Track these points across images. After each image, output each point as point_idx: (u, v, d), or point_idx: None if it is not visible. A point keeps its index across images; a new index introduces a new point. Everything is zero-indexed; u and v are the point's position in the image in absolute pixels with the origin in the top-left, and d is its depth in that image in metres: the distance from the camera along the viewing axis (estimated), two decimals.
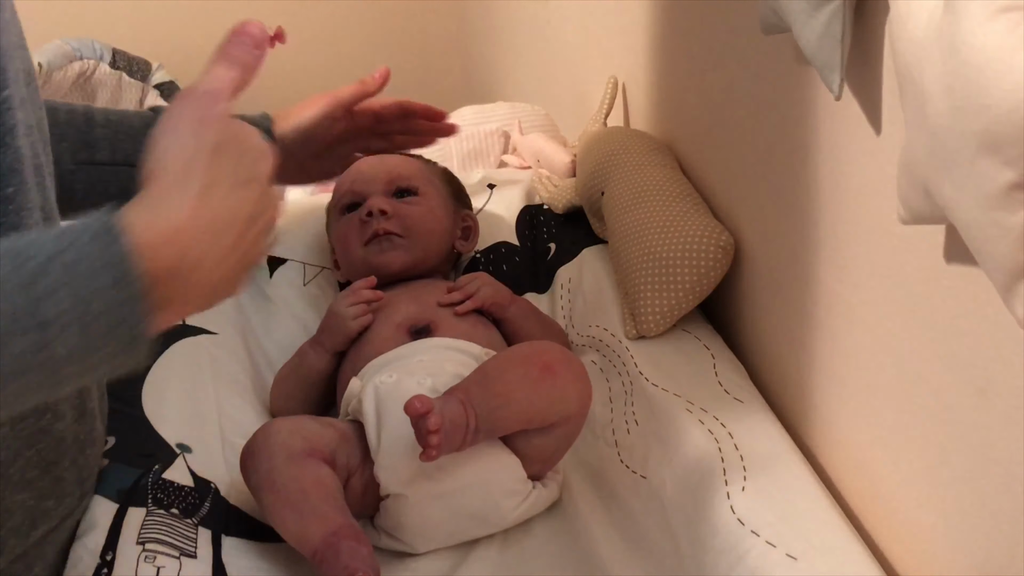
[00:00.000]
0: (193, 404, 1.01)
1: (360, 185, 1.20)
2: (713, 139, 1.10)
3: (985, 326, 0.65)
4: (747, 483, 0.85)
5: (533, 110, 1.55)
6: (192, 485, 0.90)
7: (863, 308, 0.81)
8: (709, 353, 1.03)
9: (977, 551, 0.70)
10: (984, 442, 0.68)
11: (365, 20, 2.50)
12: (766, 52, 0.90)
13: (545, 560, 0.90)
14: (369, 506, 0.93)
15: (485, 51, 2.34)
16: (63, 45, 2.12)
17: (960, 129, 0.53)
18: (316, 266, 1.27)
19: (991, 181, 0.52)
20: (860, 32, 0.72)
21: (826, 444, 0.92)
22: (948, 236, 0.67)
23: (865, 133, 0.75)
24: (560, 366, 0.91)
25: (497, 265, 1.27)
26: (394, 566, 0.91)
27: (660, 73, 1.24)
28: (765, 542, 0.79)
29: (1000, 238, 0.53)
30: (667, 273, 1.04)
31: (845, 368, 0.86)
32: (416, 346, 1.04)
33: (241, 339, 1.15)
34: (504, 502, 0.92)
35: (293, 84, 2.52)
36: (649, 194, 1.10)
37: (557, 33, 1.71)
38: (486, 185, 1.35)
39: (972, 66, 0.50)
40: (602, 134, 1.26)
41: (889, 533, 0.83)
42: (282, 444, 0.88)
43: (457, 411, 0.85)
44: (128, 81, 2.24)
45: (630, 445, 0.98)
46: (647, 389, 1.00)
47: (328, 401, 1.12)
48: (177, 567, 0.81)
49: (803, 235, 0.90)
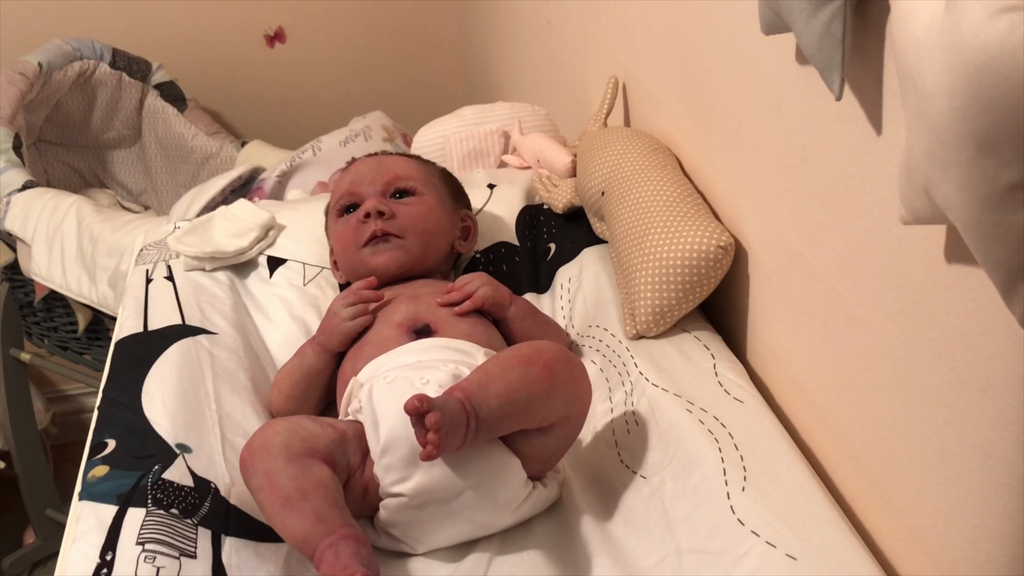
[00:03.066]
0: (193, 404, 1.01)
1: (358, 186, 1.20)
2: (713, 139, 1.10)
3: (985, 326, 0.65)
4: (747, 483, 0.85)
5: (533, 110, 1.55)
6: (192, 485, 0.90)
7: (863, 308, 0.81)
8: (709, 353, 1.03)
9: (977, 551, 0.70)
10: (984, 442, 0.68)
11: (365, 20, 2.50)
12: (766, 52, 0.90)
13: (545, 560, 0.90)
14: (369, 506, 0.93)
15: (485, 51, 2.34)
16: (63, 45, 2.12)
17: (960, 129, 0.52)
18: (316, 266, 1.27)
19: (991, 181, 0.52)
20: (860, 32, 0.72)
21: (826, 443, 0.92)
22: (948, 236, 0.67)
23: (865, 133, 0.75)
24: (560, 366, 0.91)
25: (497, 265, 1.27)
26: (394, 566, 0.91)
27: (660, 73, 1.24)
28: (765, 542, 0.79)
29: (1000, 238, 0.53)
30: (667, 273, 1.04)
31: (845, 368, 0.86)
32: (416, 346, 1.04)
33: (241, 339, 1.15)
34: (504, 502, 0.92)
35: (293, 84, 2.52)
36: (649, 195, 1.10)
37: (557, 33, 1.71)
38: (486, 185, 1.35)
39: (972, 66, 0.50)
40: (602, 134, 1.26)
41: (889, 533, 0.83)
42: (282, 444, 0.88)
43: (457, 410, 0.85)
44: (128, 81, 2.25)
45: (630, 445, 0.98)
46: (647, 389, 1.00)
47: (328, 401, 1.12)
48: (177, 567, 0.81)
49: (803, 235, 0.90)
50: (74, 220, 1.80)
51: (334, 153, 1.91)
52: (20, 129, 2.02)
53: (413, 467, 0.89)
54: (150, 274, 1.23)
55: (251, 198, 1.71)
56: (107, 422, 0.98)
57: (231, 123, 2.48)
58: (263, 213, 1.30)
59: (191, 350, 1.09)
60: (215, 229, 1.28)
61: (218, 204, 1.68)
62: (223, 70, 2.45)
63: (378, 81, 2.54)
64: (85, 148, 2.32)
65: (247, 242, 1.26)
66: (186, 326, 1.13)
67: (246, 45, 2.47)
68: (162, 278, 1.22)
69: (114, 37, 2.24)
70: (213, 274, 1.24)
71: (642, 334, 1.07)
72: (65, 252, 1.80)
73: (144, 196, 2.38)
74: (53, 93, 2.13)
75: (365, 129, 2.00)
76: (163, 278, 1.22)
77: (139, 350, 1.08)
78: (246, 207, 1.32)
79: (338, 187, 1.23)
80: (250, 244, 1.26)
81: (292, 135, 2.32)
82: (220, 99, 2.46)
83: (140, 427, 0.96)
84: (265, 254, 1.27)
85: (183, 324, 1.13)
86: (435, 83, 2.62)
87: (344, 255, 1.20)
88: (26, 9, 2.23)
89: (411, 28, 2.55)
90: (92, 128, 2.28)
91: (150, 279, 1.22)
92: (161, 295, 1.18)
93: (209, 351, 1.10)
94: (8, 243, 1.97)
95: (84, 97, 2.21)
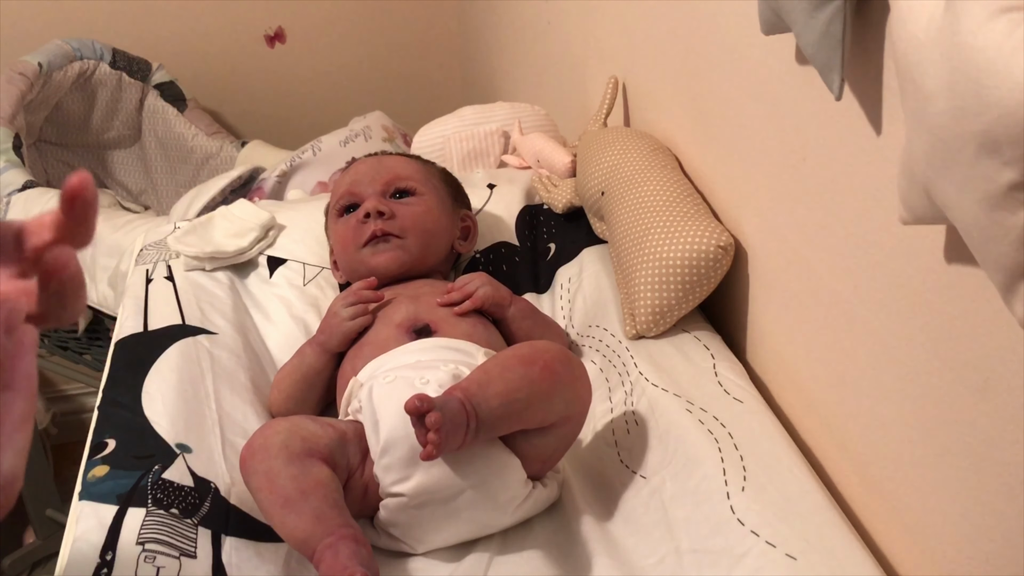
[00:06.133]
0: (193, 404, 1.01)
1: (358, 186, 1.20)
2: (713, 139, 1.10)
3: (985, 326, 0.65)
4: (747, 483, 0.85)
5: (533, 110, 1.55)
6: (192, 485, 0.90)
7: (864, 308, 0.81)
8: (709, 353, 1.03)
9: (977, 551, 0.70)
10: (984, 442, 0.68)
11: (365, 20, 2.50)
12: (766, 52, 0.90)
13: (545, 560, 0.90)
14: (369, 506, 0.93)
15: (485, 51, 2.34)
16: (63, 45, 2.12)
17: (960, 129, 0.52)
18: (316, 266, 1.27)
19: (991, 181, 0.52)
20: (860, 32, 0.72)
21: (826, 443, 0.92)
22: (948, 236, 0.67)
23: (865, 133, 0.75)
24: (560, 366, 0.91)
25: (497, 265, 1.27)
26: (394, 566, 0.91)
27: (660, 73, 1.24)
28: (765, 542, 0.79)
29: (1000, 238, 0.53)
30: (667, 273, 1.04)
31: (845, 368, 0.86)
32: (416, 346, 1.04)
33: (241, 339, 1.15)
34: (504, 502, 0.92)
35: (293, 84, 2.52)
36: (649, 195, 1.10)
37: (557, 33, 1.71)
38: (486, 185, 1.35)
39: (972, 66, 0.50)
40: (602, 134, 1.26)
41: (889, 533, 0.83)
42: (282, 444, 0.88)
43: (457, 410, 0.85)
44: (128, 81, 2.25)
45: (630, 445, 0.98)
46: (647, 389, 1.00)
47: (328, 401, 1.12)
48: (177, 567, 0.81)
49: (803, 235, 0.90)
50: None
51: (334, 153, 1.91)
52: (20, 129, 2.02)
53: (413, 467, 0.89)
54: (150, 274, 1.23)
55: (251, 198, 1.71)
56: (107, 422, 0.98)
57: (231, 123, 2.48)
58: (263, 213, 1.30)
59: (191, 350, 1.09)
60: (215, 229, 1.28)
61: (218, 204, 1.68)
62: (223, 70, 2.45)
63: (378, 81, 2.54)
64: (85, 148, 2.32)
65: (247, 242, 1.26)
66: (186, 326, 1.13)
67: (246, 45, 2.47)
68: (162, 278, 1.22)
69: (114, 37, 2.24)
70: (213, 274, 1.24)
71: (642, 334, 1.07)
72: None
73: (144, 196, 2.38)
74: (53, 93, 2.13)
75: (365, 129, 2.00)
76: (163, 278, 1.22)
77: (139, 350, 1.08)
78: (246, 207, 1.32)
79: (338, 187, 1.23)
80: (250, 244, 1.26)
81: (292, 135, 2.32)
82: (220, 99, 2.46)
83: (140, 427, 0.96)
84: (265, 254, 1.27)
85: (183, 324, 1.13)
86: (435, 83, 2.62)
87: (344, 255, 1.20)
88: (26, 9, 2.23)
89: (411, 28, 2.55)
90: (92, 128, 2.28)
91: (150, 279, 1.22)
92: (161, 295, 1.18)
93: (209, 351, 1.10)
94: None
95: (84, 97, 2.21)
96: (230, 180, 1.84)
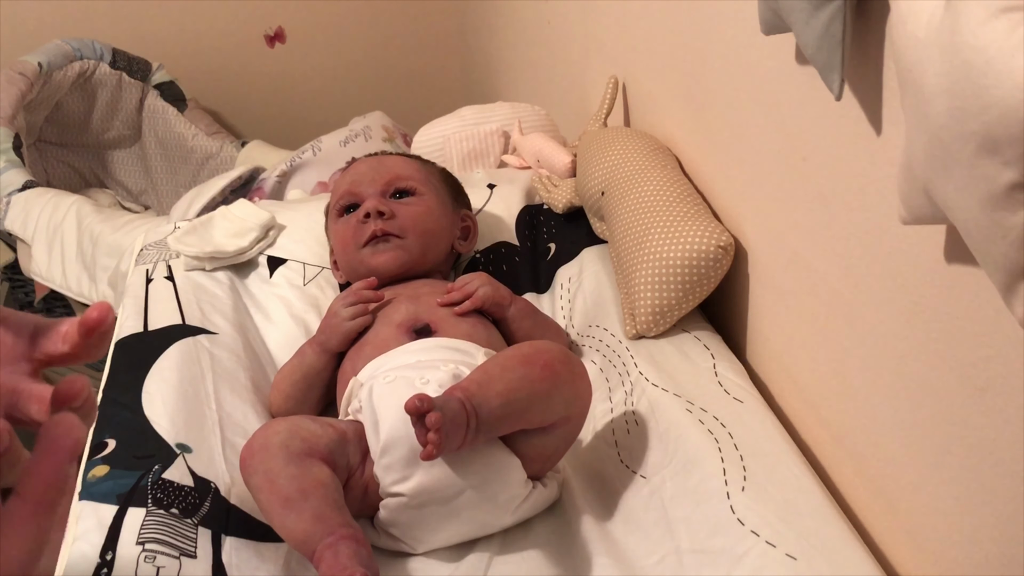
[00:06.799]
0: (193, 404, 1.01)
1: (358, 186, 1.20)
2: (713, 139, 1.10)
3: (985, 326, 0.65)
4: (747, 483, 0.85)
5: (533, 110, 1.55)
6: (192, 485, 0.90)
7: (864, 308, 0.81)
8: (709, 353, 1.03)
9: (977, 551, 0.70)
10: (984, 442, 0.68)
11: (365, 20, 2.50)
12: (766, 52, 0.90)
13: (545, 560, 0.90)
14: (369, 506, 0.93)
15: (485, 51, 2.34)
16: (63, 45, 2.12)
17: (960, 129, 0.52)
18: (316, 266, 1.27)
19: (991, 181, 0.52)
20: (860, 32, 0.72)
21: (826, 443, 0.92)
22: (948, 236, 0.67)
23: (865, 133, 0.75)
24: (560, 366, 0.91)
25: (497, 265, 1.27)
26: (394, 566, 0.91)
27: (660, 73, 1.24)
28: (765, 542, 0.79)
29: (1000, 238, 0.53)
30: (667, 273, 1.04)
31: (845, 368, 0.86)
32: (416, 346, 1.04)
33: (241, 339, 1.15)
34: (504, 502, 0.92)
35: (293, 84, 2.52)
36: (649, 195, 1.10)
37: (557, 33, 1.71)
38: (486, 185, 1.35)
39: (972, 66, 0.50)
40: (602, 134, 1.26)
41: (889, 533, 0.83)
42: (282, 444, 0.88)
43: (457, 410, 0.85)
44: (128, 81, 2.25)
45: (630, 445, 0.98)
46: (647, 389, 1.00)
47: (328, 401, 1.12)
48: (177, 567, 0.81)
49: (803, 235, 0.90)
50: (74, 220, 1.80)
51: (334, 153, 1.91)
52: (20, 129, 2.02)
53: (413, 467, 0.89)
54: (150, 274, 1.23)
55: (251, 198, 1.71)
56: (107, 422, 0.98)
57: (231, 123, 2.48)
58: (263, 213, 1.30)
59: (191, 350, 1.09)
60: (215, 229, 1.28)
61: (218, 204, 1.68)
62: (223, 70, 2.45)
63: (378, 81, 2.54)
64: (85, 148, 2.32)
65: (247, 242, 1.26)
66: (186, 326, 1.13)
67: (246, 45, 2.47)
68: (162, 278, 1.22)
69: (114, 37, 2.24)
70: (213, 274, 1.24)
71: (642, 334, 1.07)
72: (65, 252, 1.80)
73: (144, 196, 2.38)
74: (53, 93, 2.13)
75: (365, 129, 2.00)
76: (163, 278, 1.22)
77: (139, 350, 1.08)
78: (246, 207, 1.32)
79: (338, 187, 1.23)
80: (250, 244, 1.26)
81: (292, 135, 2.32)
82: (220, 99, 2.46)
83: (140, 427, 0.96)
84: (265, 254, 1.27)
85: (183, 324, 1.13)
86: (435, 83, 2.62)
87: (344, 255, 1.20)
88: (26, 9, 2.23)
89: (411, 28, 2.55)
90: (92, 128, 2.28)
91: (150, 279, 1.22)
92: (161, 295, 1.18)
93: (209, 351, 1.10)
94: (8, 243, 1.97)
95: (84, 97, 2.21)
96: (230, 180, 1.84)
